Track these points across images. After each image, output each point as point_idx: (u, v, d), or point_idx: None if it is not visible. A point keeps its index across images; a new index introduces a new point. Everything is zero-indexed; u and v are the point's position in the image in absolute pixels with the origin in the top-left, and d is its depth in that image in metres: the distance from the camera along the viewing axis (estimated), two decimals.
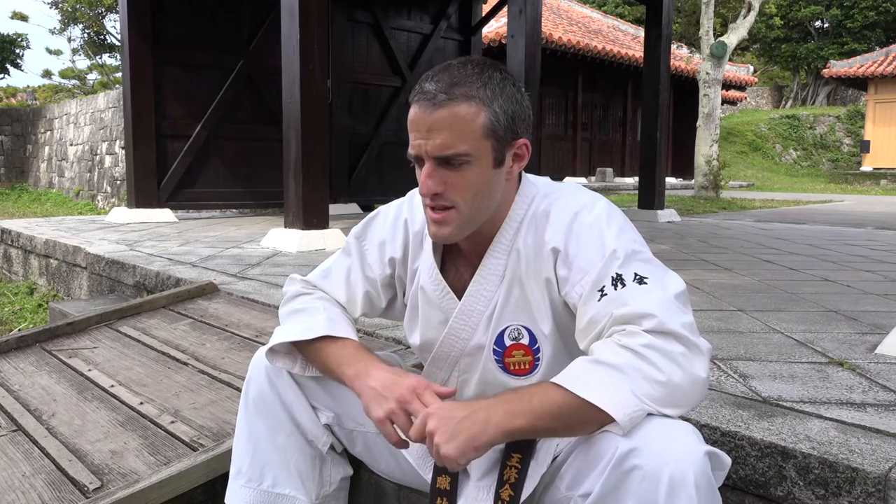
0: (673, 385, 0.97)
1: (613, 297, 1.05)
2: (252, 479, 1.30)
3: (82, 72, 24.33)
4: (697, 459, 0.93)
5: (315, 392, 1.32)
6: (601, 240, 1.11)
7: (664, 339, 0.98)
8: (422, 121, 1.11)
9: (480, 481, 1.24)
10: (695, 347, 1.00)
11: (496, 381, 1.24)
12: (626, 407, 0.95)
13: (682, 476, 0.92)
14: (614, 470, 0.96)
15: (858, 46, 26.22)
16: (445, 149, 1.09)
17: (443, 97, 1.09)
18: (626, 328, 1.01)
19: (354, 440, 1.36)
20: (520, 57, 4.64)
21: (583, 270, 1.10)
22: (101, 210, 10.46)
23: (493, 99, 1.11)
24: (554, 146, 15.54)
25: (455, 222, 1.14)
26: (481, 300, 1.21)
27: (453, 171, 1.11)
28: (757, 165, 21.72)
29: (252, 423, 1.31)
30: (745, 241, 5.17)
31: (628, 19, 23.91)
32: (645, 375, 0.96)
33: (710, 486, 0.95)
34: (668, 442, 0.94)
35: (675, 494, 0.91)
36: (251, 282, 3.05)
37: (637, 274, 1.06)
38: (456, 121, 1.09)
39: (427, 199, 1.14)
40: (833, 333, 2.17)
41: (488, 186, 1.14)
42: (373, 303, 1.36)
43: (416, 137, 1.12)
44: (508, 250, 1.20)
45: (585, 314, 1.08)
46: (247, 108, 6.67)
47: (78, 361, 2.32)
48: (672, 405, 0.98)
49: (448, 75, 1.11)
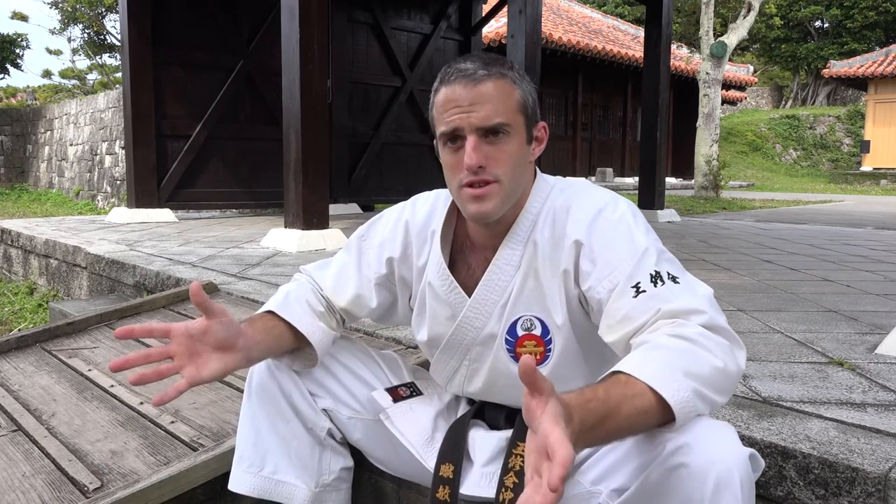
0: (727, 372, 0.98)
1: (654, 294, 1.05)
2: (253, 465, 1.34)
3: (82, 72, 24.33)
4: (742, 460, 0.94)
5: (313, 380, 1.36)
6: (630, 237, 1.12)
7: (715, 332, 1.01)
8: (463, 96, 1.13)
9: (485, 467, 1.24)
10: (737, 342, 1.03)
11: (507, 371, 1.24)
12: (680, 394, 0.93)
13: (729, 476, 0.92)
14: (660, 465, 0.95)
15: (858, 46, 26.23)
16: (490, 119, 1.13)
17: (483, 73, 1.13)
18: (677, 321, 1.02)
19: (353, 427, 1.38)
20: (520, 57, 4.64)
21: (611, 265, 1.10)
22: (101, 210, 10.46)
23: (521, 79, 1.18)
24: (554, 146, 15.54)
25: (498, 196, 1.15)
26: (496, 290, 1.22)
27: (494, 144, 1.14)
28: (757, 165, 21.73)
29: (254, 410, 1.35)
30: (744, 241, 5.17)
31: (628, 19, 23.92)
32: (705, 360, 0.96)
33: (752, 488, 0.95)
34: (716, 441, 0.94)
35: (721, 494, 0.91)
36: (251, 282, 3.05)
37: (670, 273, 1.08)
38: (497, 93, 1.13)
39: (467, 176, 1.14)
40: (833, 333, 2.17)
41: (523, 162, 1.18)
42: (361, 301, 1.37)
43: (456, 113, 1.13)
44: (525, 241, 1.21)
45: (619, 309, 1.08)
46: (247, 108, 6.67)
47: (78, 361, 2.32)
48: (723, 392, 0.98)
49: (479, 59, 1.16)
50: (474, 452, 1.27)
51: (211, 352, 1.12)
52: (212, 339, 1.12)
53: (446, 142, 1.16)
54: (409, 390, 1.40)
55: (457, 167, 1.15)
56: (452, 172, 1.17)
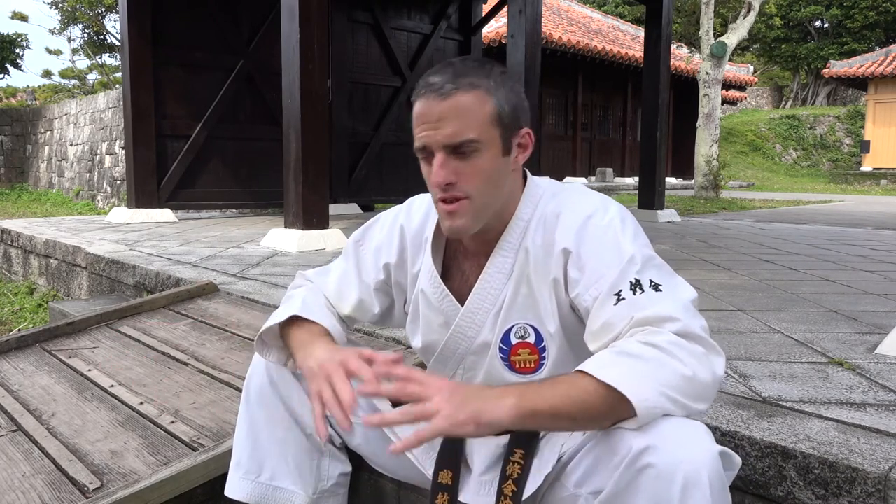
0: (697, 380, 0.97)
1: (633, 302, 1.05)
2: (251, 472, 1.32)
3: (82, 72, 24.32)
4: (711, 459, 0.94)
5: None
6: (617, 244, 1.11)
7: (688, 340, 1.00)
8: (430, 112, 1.11)
9: (483, 476, 1.24)
10: (714, 349, 1.02)
11: (501, 379, 1.24)
12: (648, 400, 0.94)
13: (697, 475, 0.92)
14: (628, 467, 0.96)
15: (858, 46, 26.23)
16: (456, 136, 1.10)
17: (450, 87, 1.10)
18: (649, 328, 1.02)
19: (353, 433, 1.37)
20: (520, 57, 4.64)
21: (597, 273, 1.10)
22: (101, 210, 10.46)
23: (497, 88, 1.14)
24: (554, 146, 15.54)
25: (469, 213, 1.14)
26: (488, 298, 1.22)
27: (464, 160, 1.12)
28: (757, 165, 21.73)
29: (252, 415, 1.33)
30: (744, 241, 5.17)
31: (628, 19, 23.92)
32: (672, 369, 0.96)
33: (723, 486, 0.95)
34: (683, 441, 0.94)
35: (689, 494, 0.91)
36: (251, 282, 3.05)
37: (652, 280, 1.07)
38: (464, 109, 1.10)
39: (439, 192, 1.14)
40: (833, 333, 2.17)
41: (498, 175, 1.16)
42: (364, 307, 1.37)
43: (425, 129, 1.12)
44: (516, 249, 1.20)
45: (600, 317, 1.08)
46: (247, 108, 6.67)
47: (78, 361, 2.32)
48: (696, 399, 0.98)
49: (452, 69, 1.13)
50: (472, 460, 1.26)
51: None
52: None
53: (421, 156, 1.16)
54: None
55: (431, 181, 1.15)
56: (430, 186, 1.17)
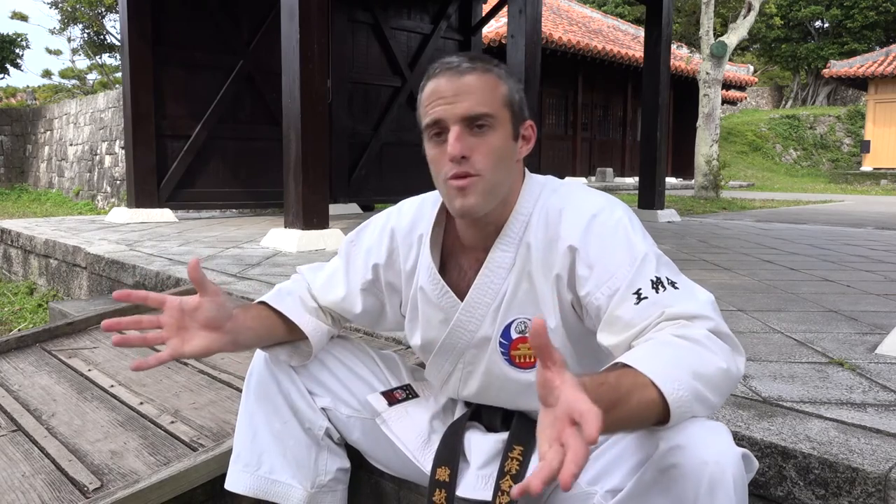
0: (730, 375, 0.98)
1: (656, 300, 1.05)
2: (249, 465, 1.34)
3: (82, 72, 24.34)
4: (735, 460, 0.94)
5: (312, 377, 1.37)
6: (629, 242, 1.11)
7: (719, 337, 1.01)
8: (447, 87, 1.13)
9: (481, 470, 1.24)
10: (739, 349, 1.03)
11: (501, 374, 1.24)
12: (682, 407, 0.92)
13: (722, 476, 0.91)
14: (652, 466, 0.95)
15: (858, 46, 26.24)
16: (474, 109, 1.12)
17: (467, 65, 1.14)
18: (681, 322, 1.02)
19: (351, 427, 1.38)
20: (520, 57, 4.65)
21: (609, 271, 1.09)
22: (100, 210, 10.46)
23: (508, 77, 1.18)
24: (554, 146, 15.54)
25: (479, 191, 1.14)
26: (488, 292, 1.22)
27: (478, 136, 1.13)
28: (757, 165, 21.73)
29: (252, 409, 1.35)
30: (745, 241, 5.17)
31: (628, 19, 23.91)
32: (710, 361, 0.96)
33: (744, 488, 0.95)
34: (709, 442, 0.94)
35: (715, 494, 0.91)
36: (251, 282, 3.05)
37: (668, 279, 1.08)
38: (481, 85, 1.14)
39: (452, 168, 1.13)
40: (833, 333, 2.17)
41: (508, 157, 1.17)
42: (345, 305, 1.38)
43: (440, 104, 1.13)
44: (517, 243, 1.20)
45: (620, 317, 1.07)
46: (247, 108, 6.67)
47: (78, 361, 2.32)
48: (721, 394, 0.98)
49: (464, 54, 1.17)
50: (471, 454, 1.26)
51: (198, 329, 1.16)
52: (201, 316, 1.16)
53: (431, 135, 1.16)
54: (406, 393, 1.40)
55: (441, 160, 1.14)
56: (437, 166, 1.16)
